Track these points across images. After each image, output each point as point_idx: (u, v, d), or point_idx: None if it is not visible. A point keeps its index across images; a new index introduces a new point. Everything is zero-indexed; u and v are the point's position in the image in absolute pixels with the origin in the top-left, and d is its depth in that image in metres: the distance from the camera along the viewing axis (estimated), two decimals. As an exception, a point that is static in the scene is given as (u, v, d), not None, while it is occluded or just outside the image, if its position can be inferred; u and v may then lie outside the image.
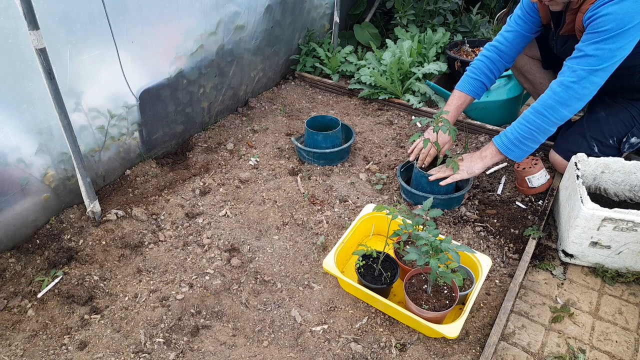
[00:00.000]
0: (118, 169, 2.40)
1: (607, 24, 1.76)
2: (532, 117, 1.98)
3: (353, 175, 2.50)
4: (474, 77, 2.35)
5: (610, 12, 1.75)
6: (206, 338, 1.70)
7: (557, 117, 1.94)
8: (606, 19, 1.76)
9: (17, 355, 1.64)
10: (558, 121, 1.96)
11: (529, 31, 2.22)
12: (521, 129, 2.01)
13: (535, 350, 1.68)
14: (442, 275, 1.58)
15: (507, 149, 2.06)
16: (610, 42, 1.78)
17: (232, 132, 2.86)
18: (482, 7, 4.18)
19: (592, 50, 1.82)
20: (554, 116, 1.94)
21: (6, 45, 1.68)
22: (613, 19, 1.75)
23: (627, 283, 1.92)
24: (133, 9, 2.08)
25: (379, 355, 1.65)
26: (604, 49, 1.80)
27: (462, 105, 2.37)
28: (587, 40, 1.84)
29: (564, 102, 1.90)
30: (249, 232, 2.15)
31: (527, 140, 2.02)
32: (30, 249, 2.01)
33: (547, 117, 1.95)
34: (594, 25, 1.81)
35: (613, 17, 1.75)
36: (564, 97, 1.90)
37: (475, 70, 2.35)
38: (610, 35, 1.77)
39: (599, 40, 1.80)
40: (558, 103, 1.91)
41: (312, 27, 3.49)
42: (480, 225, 2.17)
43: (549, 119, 1.95)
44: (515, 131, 2.03)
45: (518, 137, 2.02)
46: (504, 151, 2.08)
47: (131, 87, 2.23)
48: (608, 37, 1.78)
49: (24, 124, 1.86)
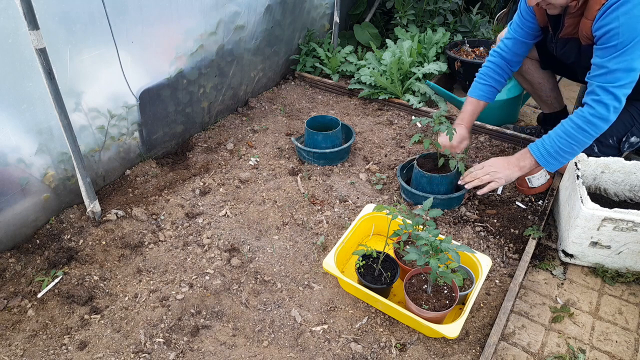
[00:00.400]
0: (118, 169, 2.40)
1: (622, 36, 1.78)
2: (573, 132, 1.98)
3: (353, 175, 2.50)
4: (483, 83, 2.38)
5: (621, 24, 1.76)
6: (206, 338, 1.70)
7: (599, 132, 1.96)
8: (619, 30, 1.77)
9: (17, 355, 1.64)
10: (597, 135, 1.97)
11: (527, 38, 2.24)
12: (562, 143, 2.01)
13: (535, 350, 1.68)
14: (442, 275, 1.58)
15: (546, 162, 2.06)
16: (629, 52, 1.80)
17: (232, 132, 2.86)
18: (482, 7, 4.17)
19: (615, 65, 1.83)
20: (596, 131, 1.96)
21: (6, 45, 1.68)
22: (626, 30, 1.76)
23: (627, 283, 1.92)
24: (133, 9, 2.08)
25: (379, 355, 1.65)
26: (625, 60, 1.81)
27: (475, 110, 2.40)
28: (606, 55, 1.85)
29: (606, 119, 1.92)
30: (249, 232, 2.15)
31: (567, 153, 2.02)
32: (30, 249, 2.01)
33: (589, 132, 1.96)
34: (608, 38, 1.82)
35: (625, 28, 1.76)
36: (605, 115, 1.91)
37: (483, 76, 2.38)
38: (627, 47, 1.79)
39: (618, 54, 1.81)
40: (601, 120, 1.93)
41: (312, 27, 3.49)
42: (480, 225, 2.18)
43: (591, 134, 1.96)
44: (556, 144, 2.02)
45: (558, 151, 2.02)
46: (542, 163, 2.07)
47: (131, 87, 2.23)
48: (626, 49, 1.79)
49: (24, 124, 1.86)
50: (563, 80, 2.76)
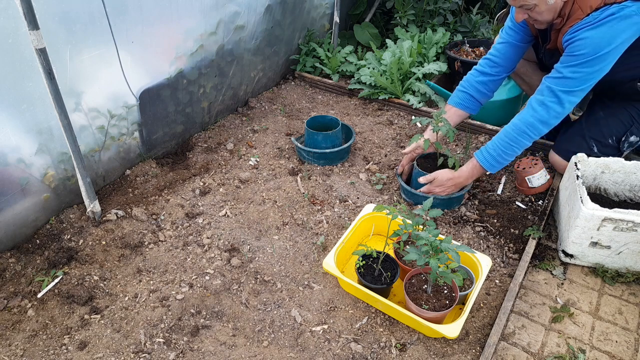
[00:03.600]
0: (118, 169, 2.40)
1: (584, 49, 1.83)
2: (515, 135, 2.05)
3: (353, 175, 2.50)
4: (460, 90, 2.37)
5: (587, 37, 1.81)
6: (206, 338, 1.70)
7: (537, 134, 2.04)
8: (583, 43, 1.83)
9: (17, 355, 1.64)
10: (536, 137, 2.05)
11: (521, 41, 2.23)
12: (504, 146, 2.08)
13: (535, 350, 1.68)
14: (442, 275, 1.58)
15: (490, 165, 2.12)
16: (586, 65, 1.85)
17: (232, 132, 2.86)
18: (482, 7, 4.18)
19: (570, 73, 1.89)
20: (535, 134, 2.03)
21: (6, 45, 1.68)
22: (589, 44, 1.81)
23: (627, 283, 1.92)
24: (133, 9, 2.08)
25: (379, 355, 1.65)
26: (581, 72, 1.87)
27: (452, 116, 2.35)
28: (566, 62, 1.91)
29: (545, 122, 2.00)
30: (249, 232, 2.15)
31: (508, 155, 2.10)
32: (30, 249, 2.01)
33: (528, 134, 2.03)
34: (571, 48, 1.88)
35: (589, 41, 1.81)
36: (545, 117, 1.99)
37: (463, 83, 2.37)
38: (586, 59, 1.84)
39: (576, 63, 1.87)
40: (540, 122, 2.00)
41: (312, 27, 3.49)
42: (480, 225, 2.18)
43: (530, 136, 2.04)
44: (498, 148, 2.09)
45: (500, 154, 2.09)
46: (487, 167, 2.13)
47: (131, 87, 2.23)
48: (585, 61, 1.85)
49: (24, 124, 1.86)
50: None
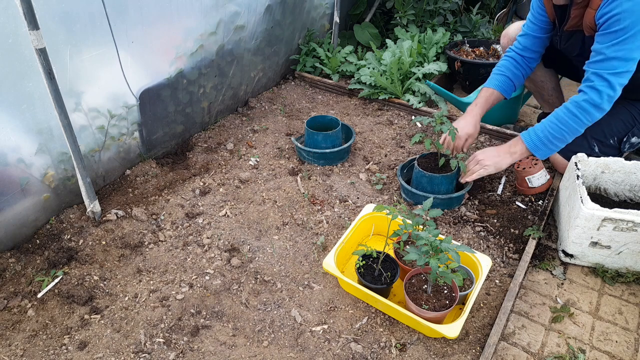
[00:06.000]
0: (118, 169, 2.40)
1: (623, 22, 1.76)
2: (566, 119, 1.99)
3: (353, 175, 2.50)
4: (499, 73, 2.36)
5: (624, 10, 1.75)
6: (206, 338, 1.70)
7: (591, 120, 1.97)
8: (621, 17, 1.76)
9: (17, 355, 1.64)
10: (589, 123, 1.98)
11: (541, 32, 2.24)
12: (553, 128, 2.02)
13: (535, 350, 1.68)
14: (442, 275, 1.58)
15: (536, 147, 2.08)
16: (629, 41, 1.78)
17: (232, 132, 2.86)
18: (482, 7, 4.18)
19: (613, 52, 1.82)
20: (588, 118, 1.97)
21: (6, 45, 1.68)
22: (628, 16, 1.74)
23: (627, 283, 1.92)
24: (133, 9, 2.08)
25: (379, 355, 1.65)
26: (624, 49, 1.80)
27: (488, 99, 2.35)
28: (606, 42, 1.84)
29: (598, 106, 1.93)
30: (249, 232, 2.15)
31: (557, 140, 2.04)
32: (30, 249, 2.01)
33: (580, 119, 1.97)
34: (609, 24, 1.80)
35: (627, 14, 1.74)
36: (598, 101, 1.92)
37: (500, 68, 2.37)
38: (628, 34, 1.77)
39: (618, 41, 1.80)
40: (593, 106, 1.93)
41: (312, 27, 3.49)
42: (480, 225, 2.17)
43: (582, 121, 1.97)
44: (547, 130, 2.04)
45: (548, 137, 2.04)
46: (532, 149, 2.09)
47: (131, 87, 2.23)
48: (627, 37, 1.78)
49: (24, 124, 1.86)
50: (563, 80, 2.76)
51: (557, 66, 2.53)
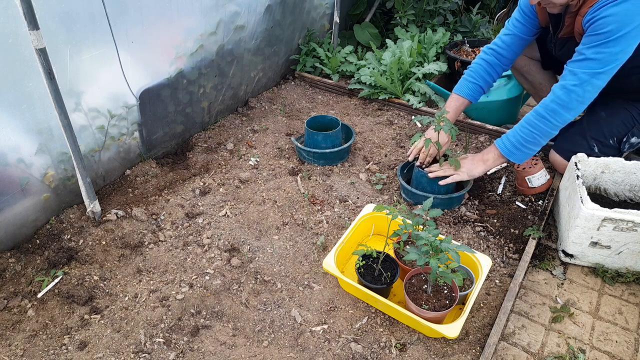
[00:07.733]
0: (118, 169, 2.40)
1: (607, 26, 1.76)
2: (534, 121, 1.99)
3: (353, 175, 2.50)
4: (470, 81, 2.35)
5: (610, 14, 1.75)
6: (206, 338, 1.70)
7: (560, 121, 1.96)
8: (606, 20, 1.76)
9: (17, 355, 1.64)
10: (560, 124, 1.97)
11: (527, 34, 2.21)
12: (524, 132, 2.02)
13: (535, 350, 1.68)
14: (442, 275, 1.58)
15: (509, 152, 2.08)
16: (611, 45, 1.78)
17: (232, 132, 2.86)
18: (482, 7, 4.18)
19: (593, 54, 1.82)
20: (557, 120, 1.96)
21: (6, 45, 1.68)
22: (613, 21, 1.75)
23: (627, 283, 1.92)
24: (133, 9, 2.08)
25: (379, 355, 1.65)
26: (604, 52, 1.80)
27: (460, 106, 2.38)
28: (588, 43, 1.84)
29: (566, 106, 1.92)
30: (249, 232, 2.15)
31: (530, 143, 2.04)
32: (30, 249, 2.01)
33: (549, 120, 1.96)
34: (593, 27, 1.80)
35: (613, 19, 1.74)
36: (566, 101, 1.91)
37: (472, 74, 2.35)
38: (610, 38, 1.77)
39: (599, 43, 1.80)
40: (561, 107, 1.93)
41: (312, 27, 3.49)
42: (480, 225, 2.17)
43: (552, 123, 1.96)
44: (518, 134, 2.04)
45: (520, 141, 2.04)
46: (506, 154, 2.09)
47: (131, 87, 2.23)
48: (609, 40, 1.78)
49: (24, 124, 1.86)
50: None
51: (555, 69, 2.53)
